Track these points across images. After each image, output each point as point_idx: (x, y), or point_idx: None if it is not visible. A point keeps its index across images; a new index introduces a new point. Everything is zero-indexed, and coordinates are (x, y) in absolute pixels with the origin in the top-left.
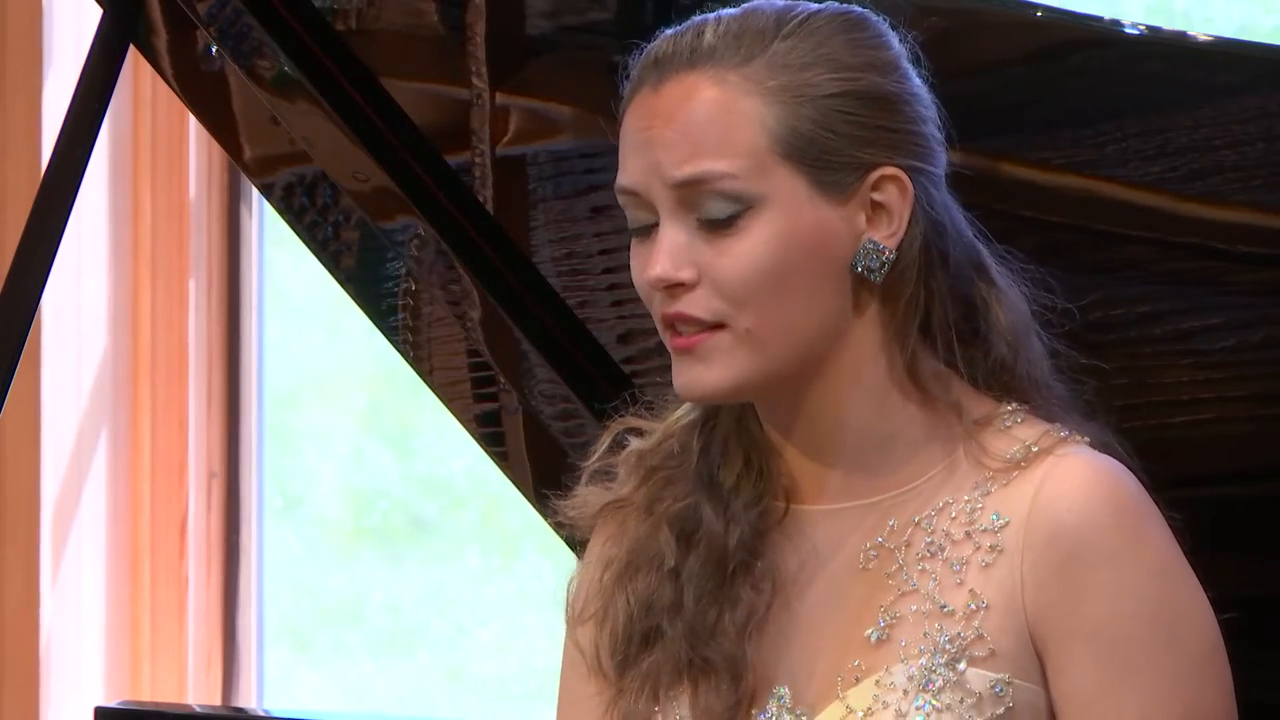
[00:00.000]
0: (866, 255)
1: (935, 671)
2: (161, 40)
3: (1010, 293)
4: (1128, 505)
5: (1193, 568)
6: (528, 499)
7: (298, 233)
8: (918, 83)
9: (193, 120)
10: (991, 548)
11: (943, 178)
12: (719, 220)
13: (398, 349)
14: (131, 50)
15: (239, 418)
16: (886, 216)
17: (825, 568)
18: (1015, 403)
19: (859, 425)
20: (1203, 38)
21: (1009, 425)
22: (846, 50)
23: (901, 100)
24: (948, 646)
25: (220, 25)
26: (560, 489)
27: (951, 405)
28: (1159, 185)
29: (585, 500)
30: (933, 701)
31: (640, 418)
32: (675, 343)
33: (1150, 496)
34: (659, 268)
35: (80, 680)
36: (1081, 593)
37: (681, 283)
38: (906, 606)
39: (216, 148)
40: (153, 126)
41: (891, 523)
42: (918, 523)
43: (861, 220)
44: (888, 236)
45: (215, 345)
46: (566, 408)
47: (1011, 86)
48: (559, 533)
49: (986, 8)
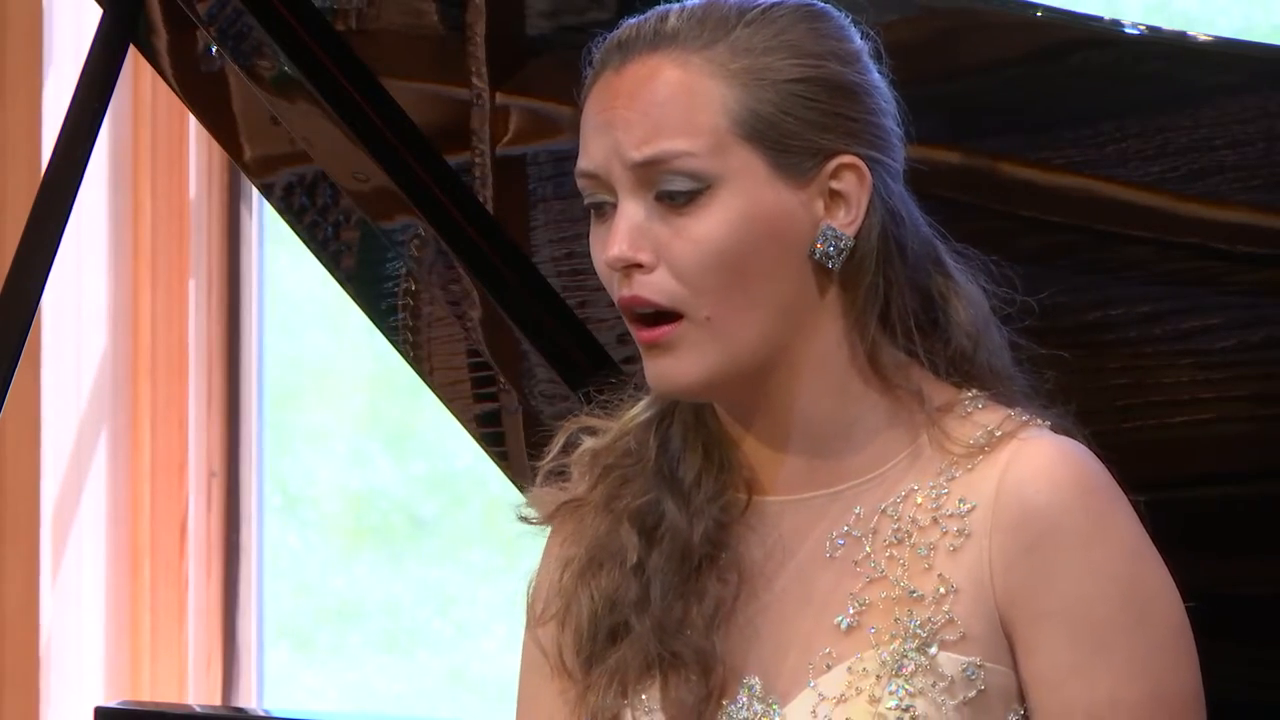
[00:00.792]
0: (824, 241)
1: (907, 656)
2: (161, 40)
3: (967, 285)
4: (1094, 486)
5: (1191, 567)
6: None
7: (298, 233)
8: (878, 77)
9: (193, 120)
10: (959, 532)
11: (900, 171)
12: (678, 198)
13: (398, 349)
14: (131, 50)
15: (239, 418)
16: (844, 204)
17: (792, 558)
18: (976, 390)
19: (821, 414)
20: (1203, 38)
21: (970, 411)
22: (809, 38)
23: (862, 91)
24: (918, 631)
25: (220, 25)
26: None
27: (913, 393)
28: (1159, 185)
29: (540, 500)
30: (905, 686)
31: (594, 416)
32: (642, 335)
33: (1114, 478)
34: (617, 248)
35: (80, 680)
36: (1051, 573)
37: (640, 264)
38: (876, 593)
39: (216, 148)
40: (153, 126)
41: (857, 510)
42: (883, 510)
43: (820, 207)
44: (846, 224)
45: (215, 345)
46: (566, 408)
47: (1011, 86)
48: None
49: (986, 8)
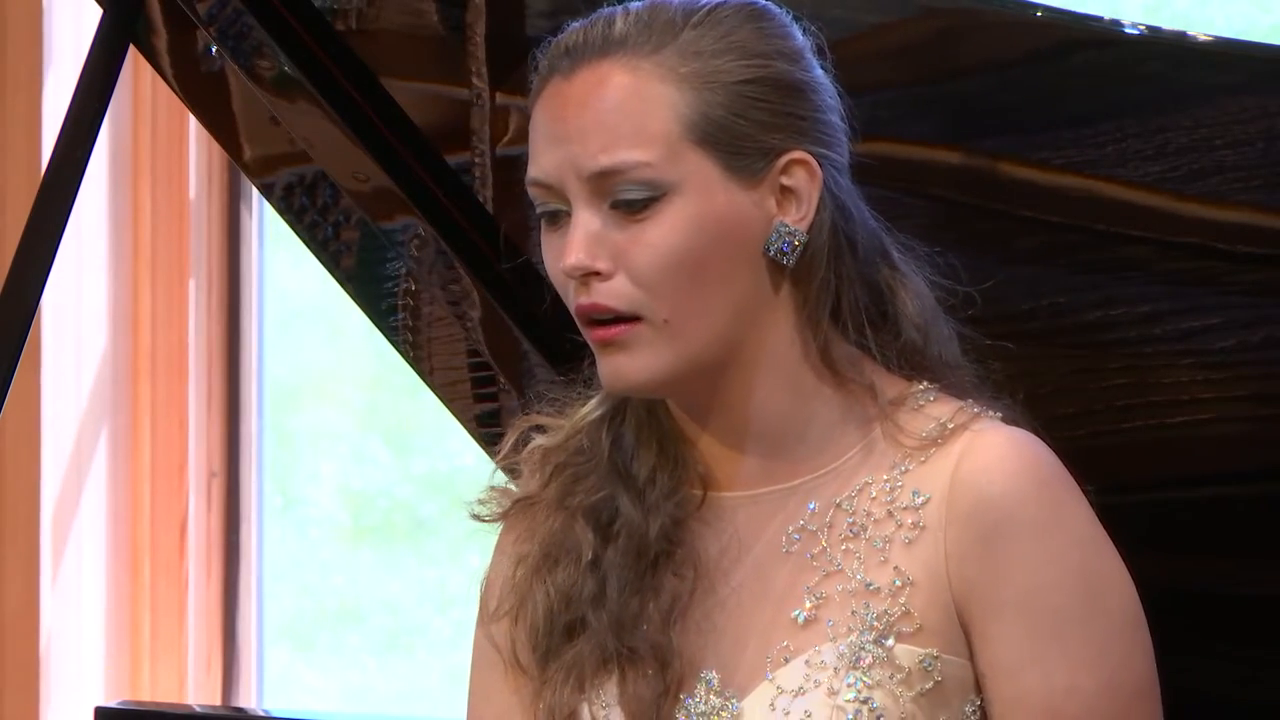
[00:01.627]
0: (779, 239)
1: (864, 649)
2: (161, 40)
3: (913, 278)
4: (1048, 476)
5: (1191, 567)
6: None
7: (298, 233)
8: (821, 74)
9: (193, 120)
10: (914, 524)
11: (847, 166)
12: (634, 206)
13: (398, 349)
14: (131, 50)
15: (239, 418)
16: (795, 200)
17: (748, 553)
18: (927, 382)
19: (774, 409)
20: (1203, 38)
21: (922, 404)
22: (754, 38)
23: (808, 88)
24: (875, 623)
25: (220, 25)
26: None
27: (865, 387)
28: (1159, 185)
29: (493, 498)
30: (863, 678)
31: (545, 414)
32: (596, 335)
33: (1066, 468)
34: (574, 257)
35: (80, 680)
36: (1006, 563)
37: (597, 271)
38: (832, 586)
39: (216, 148)
40: (153, 126)
41: (812, 505)
42: (839, 504)
43: (772, 204)
44: (798, 220)
45: (215, 345)
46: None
47: (1011, 86)
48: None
49: (986, 8)
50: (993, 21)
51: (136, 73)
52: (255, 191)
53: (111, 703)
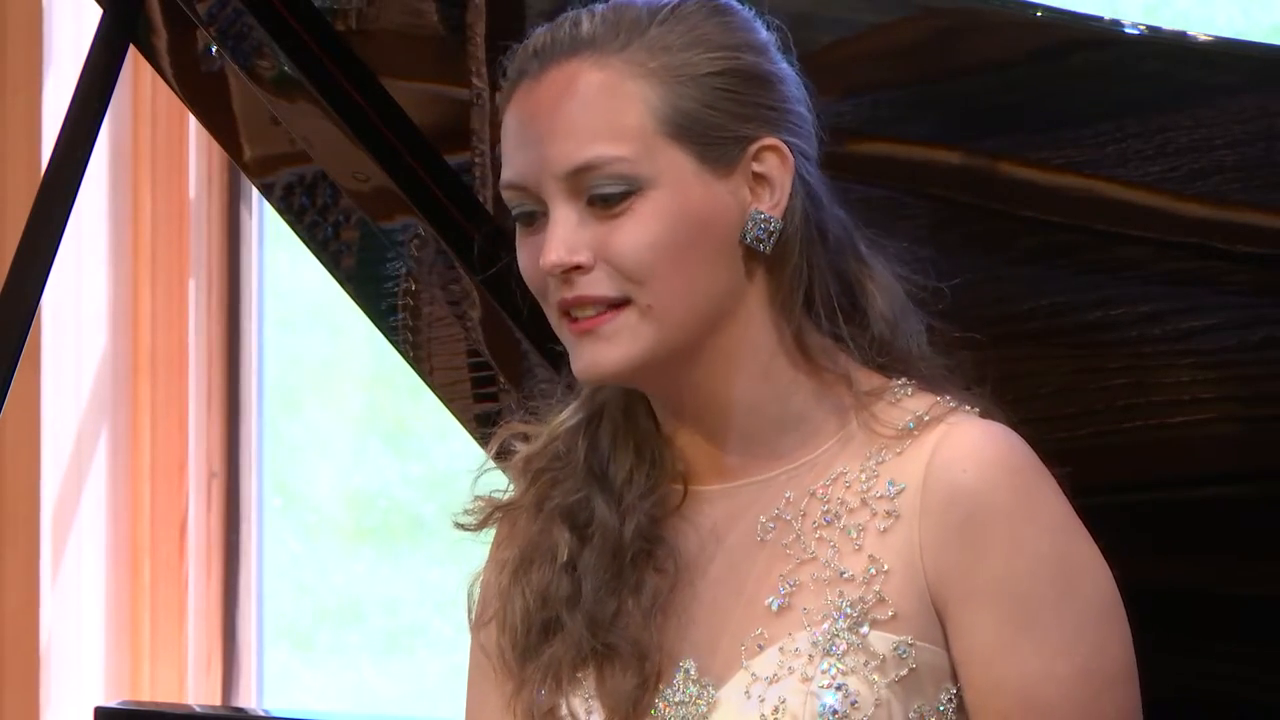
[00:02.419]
0: (755, 226)
1: (838, 636)
2: (161, 40)
3: (882, 272)
4: (1021, 466)
5: (1191, 567)
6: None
7: (298, 233)
8: (787, 67)
9: (193, 120)
10: (888, 513)
11: (815, 157)
12: (610, 200)
13: (398, 349)
14: (131, 50)
15: (239, 418)
16: (769, 187)
17: (724, 543)
18: (903, 376)
19: (751, 401)
20: (1203, 38)
21: (899, 397)
22: (720, 32)
23: (775, 79)
24: (850, 611)
25: (220, 25)
26: None
27: (840, 376)
28: (1159, 185)
29: (478, 507)
30: (837, 665)
31: (525, 422)
32: (575, 327)
33: (1040, 460)
34: (554, 254)
35: (80, 680)
36: (981, 552)
37: (579, 265)
38: (806, 574)
39: (216, 148)
40: (153, 126)
41: (788, 494)
42: (813, 493)
43: (746, 193)
44: (772, 206)
45: (215, 345)
46: None
47: (1011, 86)
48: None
49: (986, 8)
50: (993, 21)
51: (136, 73)
52: (255, 191)
53: (111, 703)
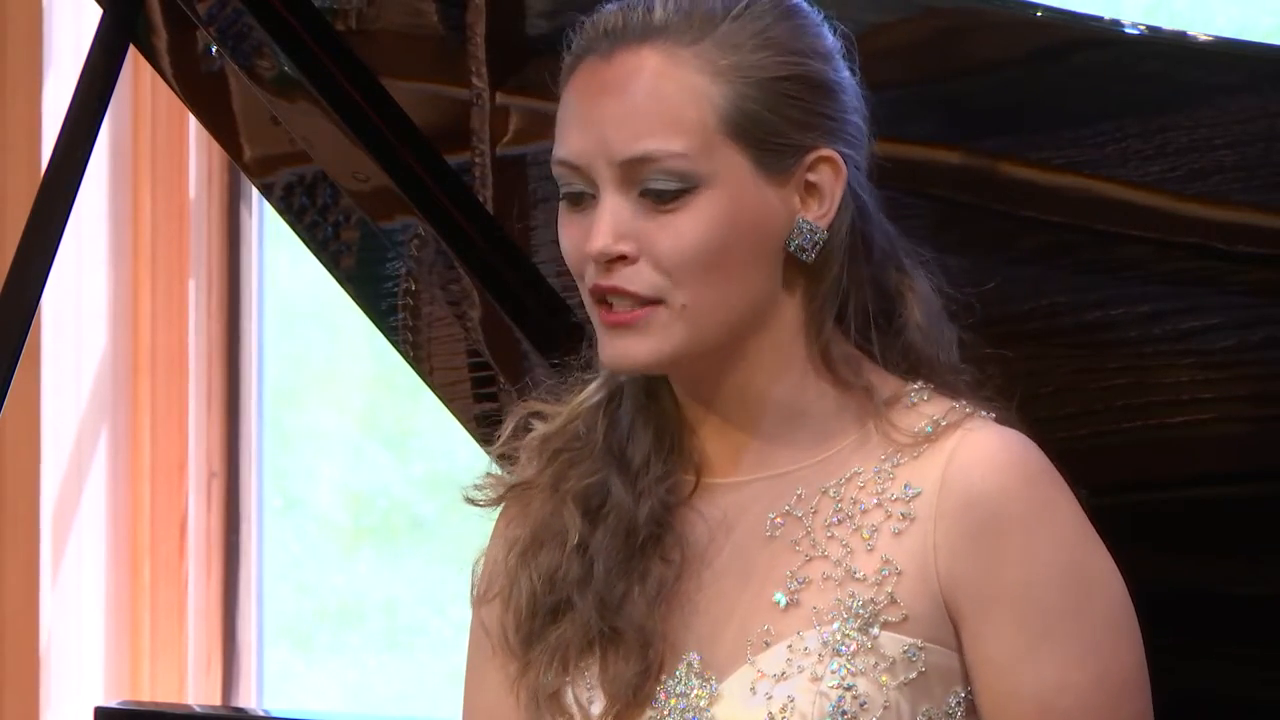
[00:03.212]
0: (800, 234)
1: (848, 636)
2: (161, 40)
3: (921, 282)
4: (1038, 474)
5: (1192, 567)
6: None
7: (298, 233)
8: (849, 75)
9: (193, 120)
10: (903, 515)
11: (865, 168)
12: (663, 196)
13: (398, 349)
14: (131, 50)
15: (239, 418)
16: (819, 197)
17: (732, 537)
18: (921, 381)
19: (777, 400)
20: (1203, 38)
21: (915, 402)
22: (791, 36)
23: (839, 88)
24: (860, 611)
25: (220, 25)
26: None
27: (863, 387)
28: (1159, 185)
29: (490, 484)
30: (847, 665)
31: (543, 401)
32: (609, 318)
33: (1056, 468)
34: (601, 241)
35: (80, 680)
36: (996, 559)
37: (622, 255)
38: (815, 572)
39: (216, 148)
40: (153, 126)
41: (799, 491)
42: (825, 491)
43: (796, 201)
44: (820, 216)
45: (215, 345)
46: None
47: (1011, 86)
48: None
49: (986, 8)
50: (993, 21)
51: (136, 73)
52: (255, 191)
53: (111, 703)
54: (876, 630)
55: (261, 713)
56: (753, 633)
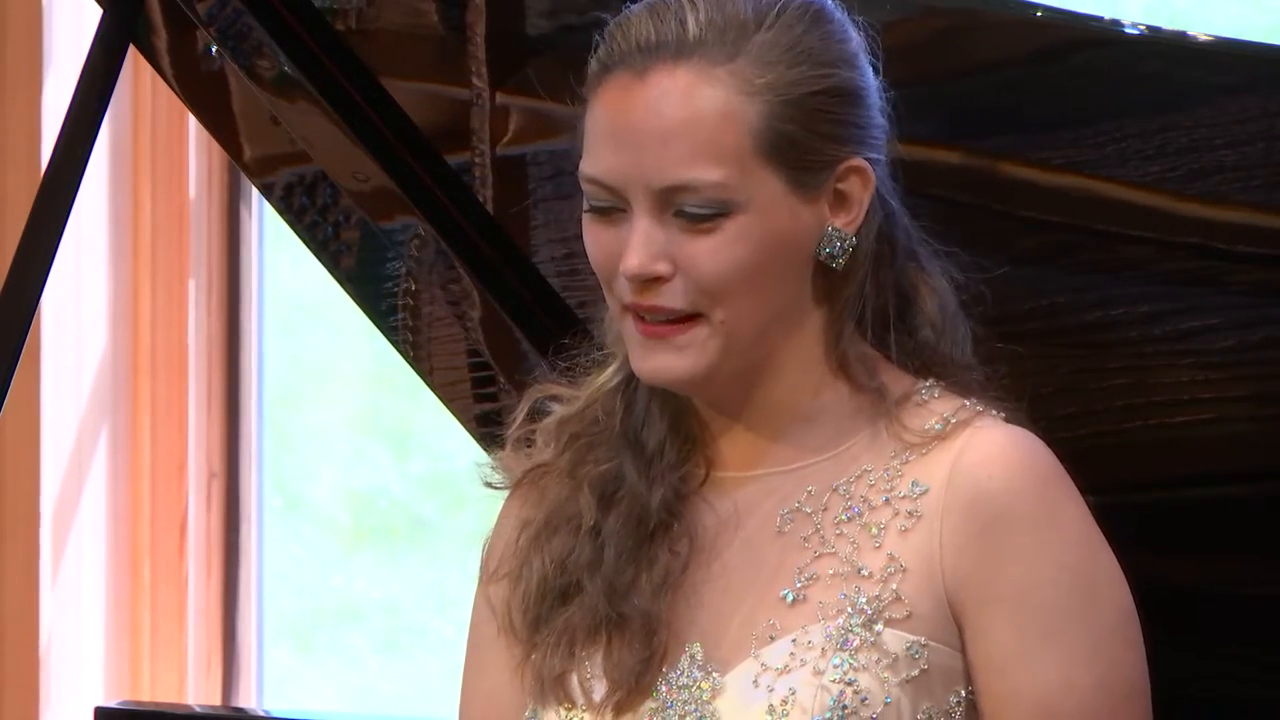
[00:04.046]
0: (830, 242)
1: (852, 631)
2: (161, 40)
3: (938, 279)
4: (1046, 473)
5: (1192, 567)
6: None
7: (298, 233)
8: (872, 75)
9: (193, 120)
10: (910, 513)
11: (887, 170)
12: (698, 220)
13: (398, 349)
14: (131, 50)
15: (239, 418)
16: (847, 205)
17: (741, 530)
18: (932, 378)
19: (793, 403)
20: (1203, 38)
21: (925, 399)
22: (822, 45)
23: (865, 93)
24: (865, 607)
25: (220, 25)
26: None
27: (876, 388)
28: (1159, 185)
29: (507, 465)
30: (850, 660)
31: (558, 383)
32: (646, 329)
33: (1064, 469)
34: (636, 261)
35: (80, 680)
36: (1002, 557)
37: (658, 276)
38: (824, 568)
39: (216, 148)
40: (153, 126)
41: (810, 488)
42: (835, 488)
43: (826, 210)
44: (848, 223)
45: (215, 345)
46: None
47: (1011, 86)
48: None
49: (986, 8)
50: (993, 21)
51: (136, 73)
52: (255, 191)
53: (111, 703)
54: (880, 627)
55: (261, 713)
56: (758, 627)
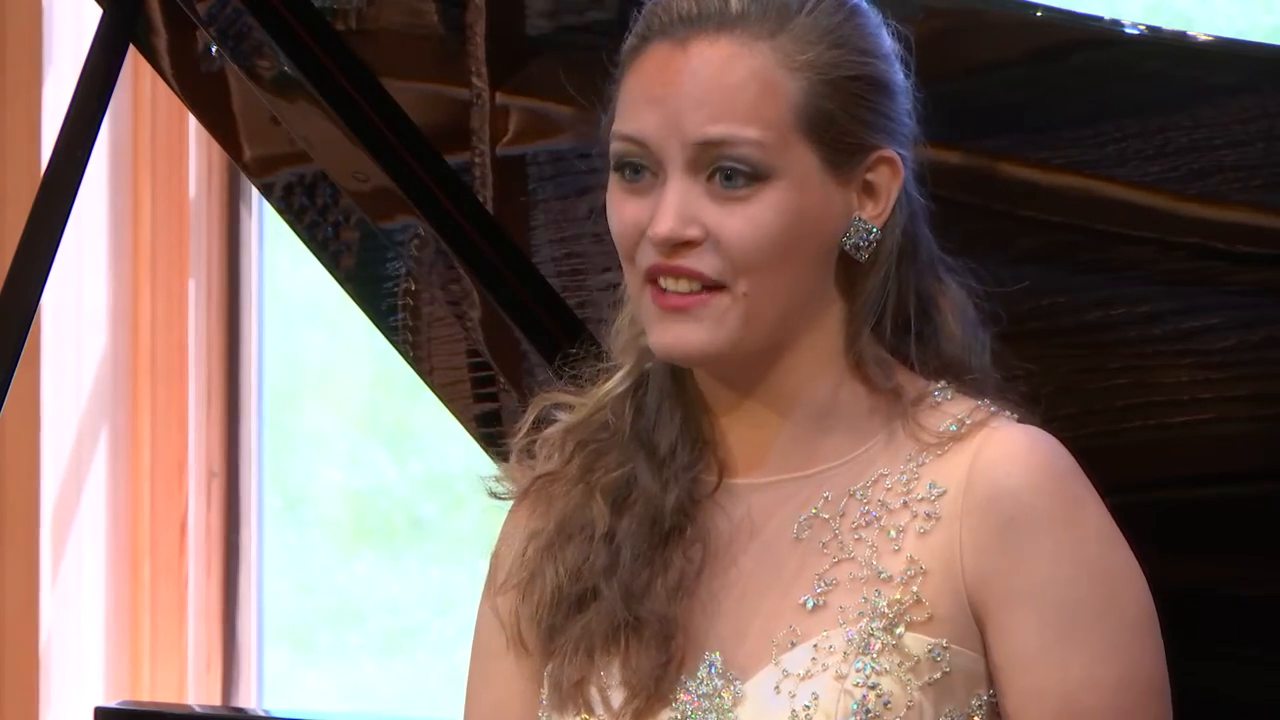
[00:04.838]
0: (856, 233)
1: (873, 635)
2: (161, 40)
3: (957, 290)
4: (1064, 471)
5: (1192, 567)
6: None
7: (298, 233)
8: (903, 77)
9: (193, 120)
10: (928, 515)
11: (914, 171)
12: (734, 182)
13: (398, 349)
14: (131, 50)
15: (239, 418)
16: (875, 197)
17: (758, 537)
18: (945, 380)
19: (808, 400)
20: (1203, 38)
21: (939, 401)
22: (859, 35)
23: (898, 90)
24: (886, 611)
25: (220, 25)
26: None
27: (892, 389)
28: (1159, 185)
29: (513, 475)
30: (872, 664)
31: (565, 391)
32: (664, 301)
33: (1081, 468)
34: (667, 225)
35: (80, 680)
36: (1022, 556)
37: (688, 240)
38: (843, 573)
39: (216, 148)
40: (153, 126)
41: (826, 494)
42: (853, 493)
43: (854, 200)
44: (875, 216)
45: (215, 345)
46: None
47: (1011, 86)
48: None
49: (986, 8)
50: (993, 21)
51: (136, 73)
52: (255, 191)
53: (111, 703)
54: (901, 630)
55: (261, 713)
56: (778, 634)
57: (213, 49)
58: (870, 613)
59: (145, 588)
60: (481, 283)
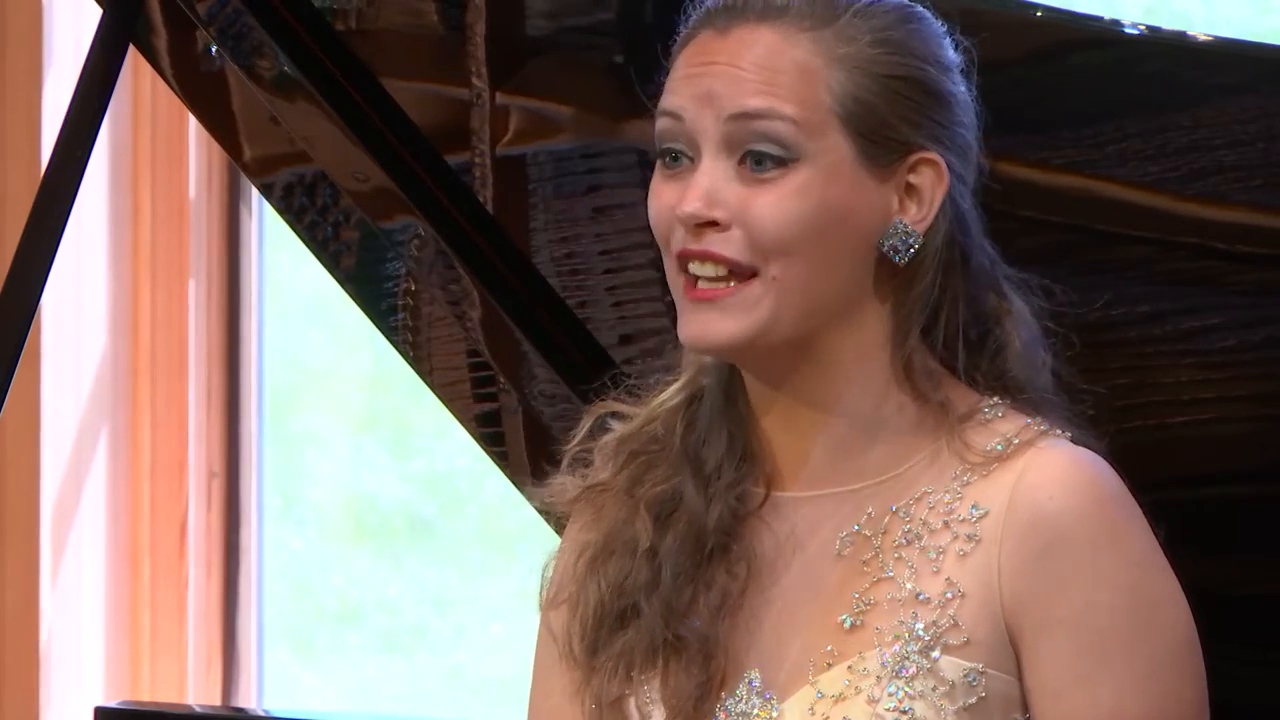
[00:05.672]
0: (894, 235)
1: (909, 659)
2: (161, 40)
3: (1020, 308)
4: (1108, 496)
5: (1192, 568)
6: (528, 499)
7: (298, 233)
8: (965, 93)
9: (193, 120)
10: (969, 537)
11: (972, 185)
12: (764, 163)
13: (398, 349)
14: (131, 50)
15: (239, 418)
16: (918, 201)
17: (801, 553)
18: (998, 397)
19: (854, 409)
20: (1203, 38)
21: (989, 418)
22: (909, 39)
23: (951, 99)
24: (922, 634)
25: (220, 25)
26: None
27: (940, 403)
28: (1159, 185)
29: (563, 486)
30: (905, 688)
31: (622, 401)
32: (694, 293)
33: (1130, 492)
34: (694, 204)
35: (80, 680)
36: (1060, 581)
37: (714, 221)
38: (882, 594)
39: (216, 148)
40: (153, 126)
41: (869, 510)
42: (895, 511)
43: (894, 200)
44: (917, 221)
45: (215, 345)
46: (567, 408)
47: (1011, 86)
48: (549, 523)
49: (986, 8)
50: (993, 21)
51: (136, 73)
52: (255, 191)
53: (111, 703)
54: (937, 654)
55: (261, 713)
56: (816, 653)
57: (213, 49)
58: (906, 635)
59: (145, 588)
60: (481, 283)
